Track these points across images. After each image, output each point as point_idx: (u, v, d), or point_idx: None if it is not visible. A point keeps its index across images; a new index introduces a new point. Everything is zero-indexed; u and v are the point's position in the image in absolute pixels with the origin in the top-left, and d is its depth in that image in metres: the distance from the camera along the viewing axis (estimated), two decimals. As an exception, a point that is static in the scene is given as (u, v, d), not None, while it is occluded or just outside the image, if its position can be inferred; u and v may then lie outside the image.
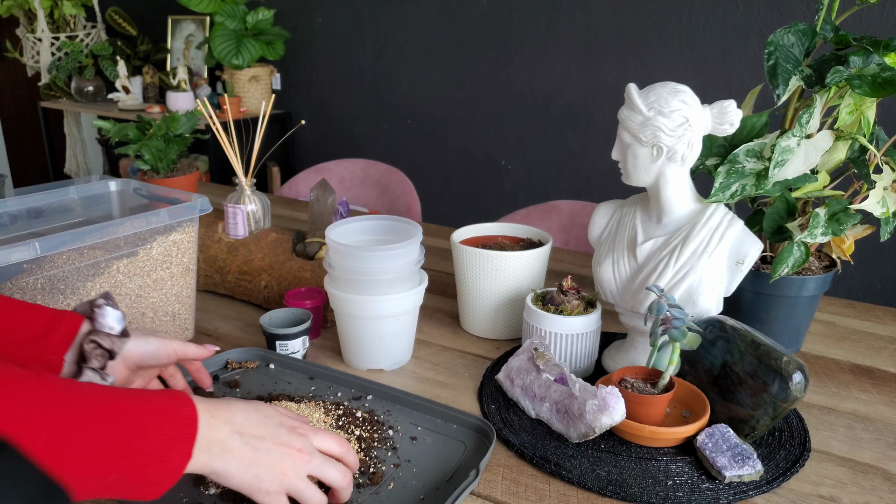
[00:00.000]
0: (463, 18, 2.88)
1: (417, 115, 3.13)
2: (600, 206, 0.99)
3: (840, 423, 0.86)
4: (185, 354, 0.79)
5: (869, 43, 0.85)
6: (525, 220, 1.71)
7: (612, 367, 0.95)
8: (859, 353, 1.04)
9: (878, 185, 0.91)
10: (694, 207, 0.88)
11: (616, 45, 2.59)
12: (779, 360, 0.75)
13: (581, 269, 1.37)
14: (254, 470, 0.58)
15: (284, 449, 0.60)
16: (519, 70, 2.81)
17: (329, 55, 3.31)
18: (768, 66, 0.87)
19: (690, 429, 0.77)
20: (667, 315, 0.78)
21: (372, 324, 0.93)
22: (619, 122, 0.86)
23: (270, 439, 0.60)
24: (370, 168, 2.14)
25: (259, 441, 0.59)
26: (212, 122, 1.21)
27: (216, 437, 0.57)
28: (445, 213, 3.11)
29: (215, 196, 1.80)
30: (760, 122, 0.96)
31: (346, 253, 0.91)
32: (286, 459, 0.60)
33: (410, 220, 0.98)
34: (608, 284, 0.93)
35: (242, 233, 1.22)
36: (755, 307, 1.00)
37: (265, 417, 0.61)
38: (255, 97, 3.36)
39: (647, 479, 0.74)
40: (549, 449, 0.79)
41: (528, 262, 1.03)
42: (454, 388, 0.93)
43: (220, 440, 0.57)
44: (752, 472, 0.73)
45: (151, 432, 0.53)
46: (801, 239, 0.89)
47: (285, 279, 1.13)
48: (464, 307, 1.09)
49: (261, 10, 3.22)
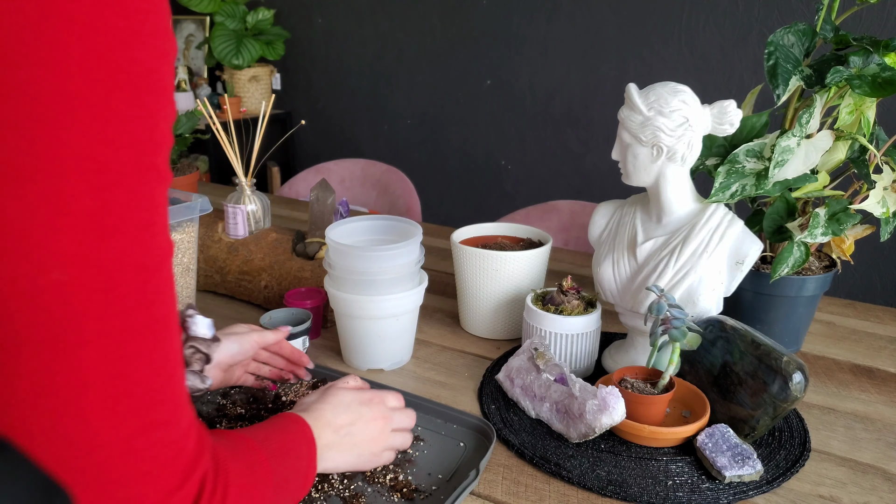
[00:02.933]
0: (463, 18, 2.88)
1: (417, 115, 3.13)
2: (600, 206, 0.99)
3: (840, 423, 0.86)
4: (265, 342, 0.85)
5: (869, 43, 0.85)
6: (525, 220, 1.71)
7: (612, 367, 0.95)
8: (859, 353, 1.04)
9: (878, 185, 0.91)
10: (694, 207, 0.88)
11: (616, 45, 2.59)
12: (779, 360, 0.75)
13: (581, 269, 1.37)
14: (354, 452, 0.68)
15: (369, 423, 0.70)
16: (519, 70, 2.81)
17: (329, 55, 3.31)
18: (768, 66, 0.87)
19: (690, 429, 0.77)
20: (667, 315, 0.78)
21: (372, 324, 0.93)
22: (619, 122, 0.86)
23: (358, 422, 0.69)
24: (370, 168, 2.14)
25: (349, 427, 0.68)
26: (212, 122, 1.21)
27: (321, 443, 0.65)
28: (445, 213, 3.11)
29: (215, 196, 1.80)
30: (760, 122, 0.96)
31: (346, 253, 0.91)
32: (373, 429, 0.70)
33: (410, 220, 0.98)
34: (608, 284, 0.93)
35: (242, 233, 1.22)
36: (755, 307, 1.00)
37: (346, 405, 0.69)
38: (255, 97, 3.36)
39: (647, 479, 0.74)
40: (549, 449, 0.79)
41: (528, 262, 1.03)
42: (454, 388, 0.93)
43: (325, 444, 0.65)
44: (752, 472, 0.72)
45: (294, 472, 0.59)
46: (801, 239, 0.89)
47: (285, 279, 1.13)
48: (464, 307, 1.09)
49: (261, 10, 3.22)
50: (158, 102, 0.37)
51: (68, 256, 0.34)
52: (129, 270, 0.37)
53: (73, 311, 0.35)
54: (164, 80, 0.37)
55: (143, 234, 0.37)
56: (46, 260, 0.34)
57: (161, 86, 0.37)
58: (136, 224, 0.37)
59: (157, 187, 0.38)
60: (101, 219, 0.35)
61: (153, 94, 0.37)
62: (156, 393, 0.40)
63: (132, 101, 0.35)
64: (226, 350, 0.80)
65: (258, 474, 0.51)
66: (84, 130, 0.34)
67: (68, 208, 0.34)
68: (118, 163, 0.35)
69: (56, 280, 0.34)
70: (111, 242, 0.36)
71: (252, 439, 0.55)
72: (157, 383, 0.39)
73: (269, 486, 0.52)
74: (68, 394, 0.36)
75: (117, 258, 0.36)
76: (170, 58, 0.38)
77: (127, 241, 0.36)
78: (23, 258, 0.34)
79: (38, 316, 0.35)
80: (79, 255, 0.35)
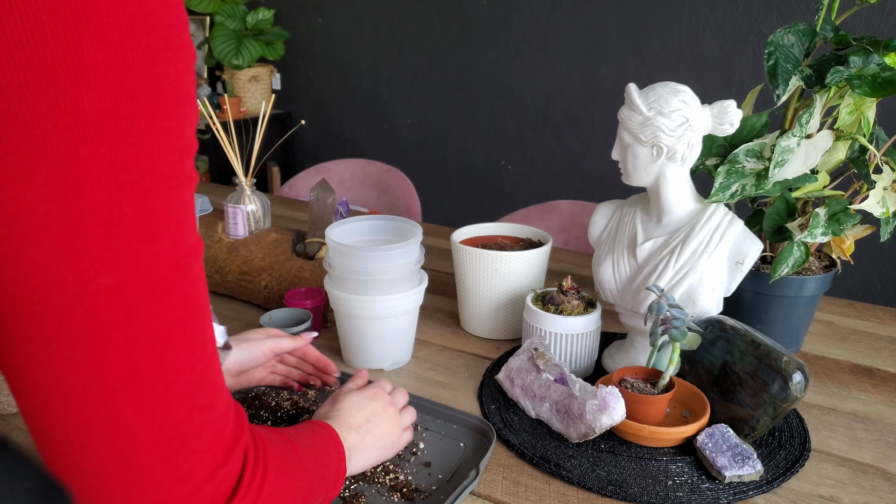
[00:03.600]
0: (463, 18, 2.88)
1: (417, 115, 3.13)
2: (600, 206, 0.99)
3: (840, 423, 0.86)
4: (280, 349, 0.86)
5: (869, 43, 0.85)
6: (525, 220, 1.71)
7: (612, 367, 0.95)
8: (859, 353, 1.04)
9: (878, 185, 0.91)
10: (694, 207, 0.88)
11: (616, 45, 2.59)
12: (779, 360, 0.75)
13: (581, 269, 1.37)
14: (378, 445, 0.72)
15: (382, 414, 0.73)
16: (519, 70, 2.81)
17: (329, 55, 3.30)
18: (768, 66, 0.87)
19: (690, 429, 0.77)
20: (667, 315, 0.78)
21: (372, 324, 0.93)
22: (619, 122, 0.86)
23: (372, 417, 0.72)
24: (370, 168, 2.14)
25: (366, 424, 0.71)
26: (212, 122, 1.21)
27: (348, 444, 0.68)
28: (445, 213, 3.11)
29: (215, 196, 1.80)
30: (760, 122, 0.96)
31: (346, 253, 0.91)
32: (387, 419, 0.73)
33: (410, 220, 0.98)
34: (608, 284, 0.93)
35: (242, 233, 1.22)
36: (755, 307, 1.00)
37: (359, 404, 0.73)
38: (255, 97, 3.36)
39: (647, 479, 0.74)
40: (549, 449, 0.79)
41: (528, 262, 1.03)
42: (454, 388, 0.93)
43: (352, 445, 0.68)
44: (752, 472, 0.72)
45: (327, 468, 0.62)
46: (801, 239, 0.89)
47: (285, 279, 1.13)
48: (464, 307, 1.09)
49: (261, 10, 3.22)
50: (185, 111, 0.40)
51: (114, 262, 0.37)
52: (168, 271, 0.40)
53: (120, 312, 0.38)
54: (189, 89, 0.40)
55: (177, 236, 0.40)
56: (94, 266, 0.37)
57: (187, 94, 0.40)
58: (172, 227, 0.40)
59: (186, 190, 0.41)
60: (142, 225, 0.38)
61: (181, 104, 0.39)
62: (198, 379, 0.43)
63: (163, 113, 0.38)
64: (235, 357, 0.81)
65: (294, 461, 0.54)
66: (121, 145, 0.36)
67: (112, 217, 0.37)
68: (153, 172, 0.38)
69: (104, 284, 0.37)
70: (151, 246, 0.39)
71: (284, 432, 0.57)
72: (197, 371, 0.43)
73: (303, 474, 0.55)
74: (119, 386, 0.39)
75: (157, 260, 0.39)
76: (192, 66, 0.40)
77: (165, 244, 0.39)
78: (72, 265, 0.36)
79: (87, 318, 0.37)
80: (123, 260, 0.38)
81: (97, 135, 0.35)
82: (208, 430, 0.43)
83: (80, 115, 0.35)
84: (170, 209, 0.39)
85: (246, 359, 0.82)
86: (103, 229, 0.37)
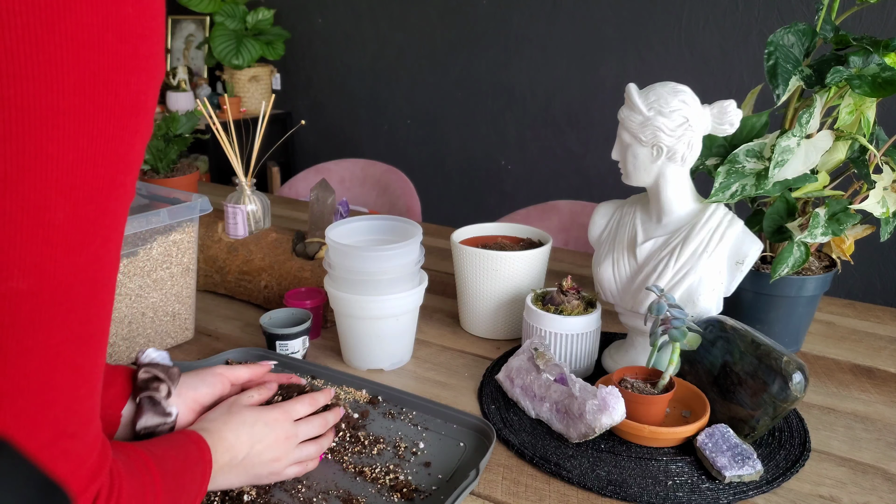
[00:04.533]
0: (463, 19, 2.88)
1: (417, 115, 3.13)
2: (600, 206, 0.99)
3: (840, 423, 0.86)
4: (238, 380, 0.77)
5: (869, 43, 0.85)
6: (525, 220, 1.71)
7: (612, 367, 0.95)
8: (859, 353, 1.04)
9: (878, 185, 0.91)
10: (694, 207, 0.88)
11: (616, 45, 2.59)
12: (779, 360, 0.75)
13: (581, 269, 1.37)
14: (251, 472, 0.67)
15: (271, 445, 0.68)
16: (519, 70, 2.81)
17: (329, 55, 3.31)
18: (768, 66, 0.87)
19: (690, 429, 0.77)
20: (667, 315, 0.78)
21: (372, 324, 0.93)
22: (619, 122, 0.86)
23: (258, 444, 0.67)
24: (370, 168, 2.14)
25: (249, 449, 0.66)
26: (212, 122, 1.21)
27: (218, 465, 0.64)
28: (445, 213, 3.11)
29: (215, 196, 1.80)
30: (760, 122, 0.96)
31: (346, 253, 0.91)
32: (275, 451, 0.68)
33: (410, 220, 0.98)
34: (608, 284, 0.93)
35: (242, 233, 1.22)
36: (755, 307, 1.00)
37: (249, 425, 0.67)
38: (255, 97, 3.36)
39: (647, 479, 0.74)
40: (549, 449, 0.79)
41: (528, 262, 1.03)
42: (454, 388, 0.93)
43: (222, 466, 0.64)
44: (752, 472, 0.72)
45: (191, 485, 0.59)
46: (801, 239, 0.89)
47: (285, 279, 1.13)
48: (464, 307, 1.09)
49: (261, 10, 3.22)
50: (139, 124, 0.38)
51: (31, 266, 0.35)
52: (84, 285, 0.38)
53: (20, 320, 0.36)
54: (149, 102, 0.38)
55: (101, 250, 0.38)
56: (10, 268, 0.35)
57: (146, 107, 0.38)
58: (98, 240, 0.38)
59: (122, 205, 0.39)
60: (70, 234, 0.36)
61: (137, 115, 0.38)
62: (74, 404, 0.40)
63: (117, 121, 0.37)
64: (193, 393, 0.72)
65: (149, 496, 0.51)
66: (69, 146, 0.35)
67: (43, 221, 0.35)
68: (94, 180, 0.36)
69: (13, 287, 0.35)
70: (74, 257, 0.37)
71: (150, 457, 0.54)
72: (77, 395, 0.40)
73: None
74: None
75: (76, 272, 0.37)
76: (158, 80, 0.39)
77: (88, 257, 0.37)
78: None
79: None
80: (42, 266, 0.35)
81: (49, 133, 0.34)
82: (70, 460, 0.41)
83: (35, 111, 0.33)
84: (102, 222, 0.38)
85: (205, 394, 0.73)
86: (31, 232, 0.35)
